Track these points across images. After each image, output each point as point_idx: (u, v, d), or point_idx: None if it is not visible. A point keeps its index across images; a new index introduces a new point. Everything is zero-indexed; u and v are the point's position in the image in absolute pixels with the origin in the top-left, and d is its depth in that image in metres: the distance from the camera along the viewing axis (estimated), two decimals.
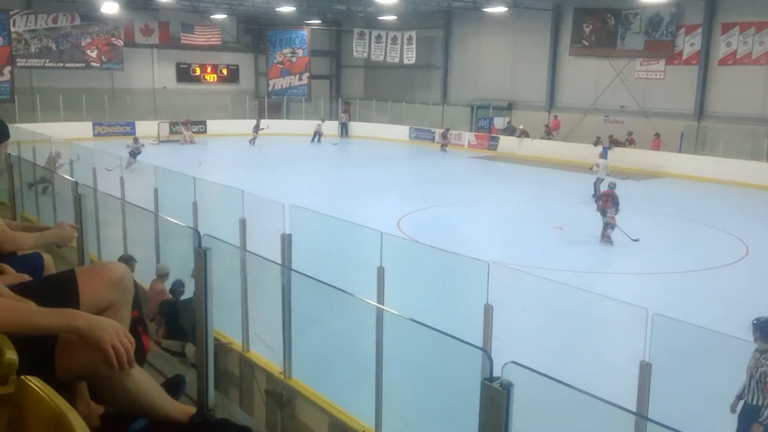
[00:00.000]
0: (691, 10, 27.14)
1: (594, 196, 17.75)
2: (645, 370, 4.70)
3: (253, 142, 31.46)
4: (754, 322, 6.15)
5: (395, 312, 4.92)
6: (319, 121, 35.67)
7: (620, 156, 27.27)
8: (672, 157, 26.14)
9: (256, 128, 31.99)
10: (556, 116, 31.58)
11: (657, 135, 27.29)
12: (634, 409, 4.56)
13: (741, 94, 25.98)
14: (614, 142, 28.01)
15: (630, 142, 28.05)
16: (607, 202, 14.56)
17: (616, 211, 14.34)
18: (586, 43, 30.86)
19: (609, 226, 14.41)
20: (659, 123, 27.81)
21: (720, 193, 21.93)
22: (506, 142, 31.91)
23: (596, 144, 28.27)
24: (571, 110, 31.48)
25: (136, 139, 25.37)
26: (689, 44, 27.62)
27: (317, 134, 34.76)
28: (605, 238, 14.46)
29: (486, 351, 3.32)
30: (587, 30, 30.69)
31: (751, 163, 24.00)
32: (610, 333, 8.40)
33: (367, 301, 5.12)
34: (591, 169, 20.33)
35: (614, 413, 3.70)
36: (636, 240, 14.22)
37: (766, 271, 13.00)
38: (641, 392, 4.68)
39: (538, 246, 14.38)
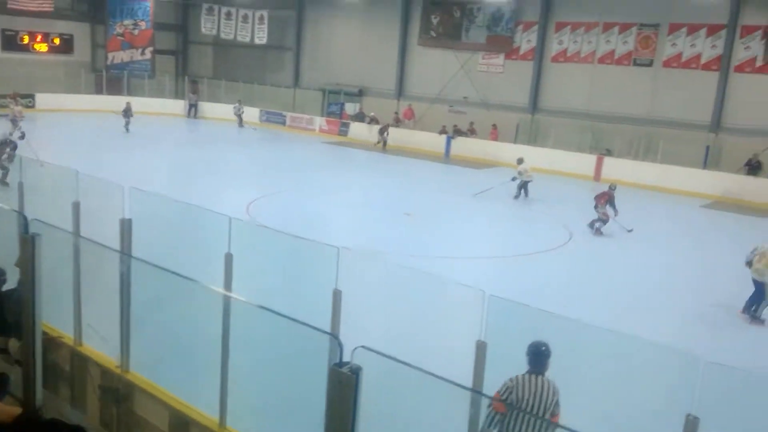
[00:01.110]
0: (528, 8, 28.89)
1: (516, 197, 19.53)
2: (481, 348, 4.94)
3: (127, 127, 28.34)
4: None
5: (242, 299, 4.80)
6: (236, 104, 34.11)
7: (462, 145, 28.66)
8: (508, 148, 27.78)
9: (128, 112, 28.50)
10: (410, 105, 32.36)
11: (494, 126, 28.91)
12: (470, 386, 4.80)
13: (570, 90, 28.13)
14: (457, 132, 29.32)
15: (471, 132, 29.46)
16: (601, 199, 15.95)
17: (614, 210, 15.73)
18: (434, 34, 31.84)
19: (600, 220, 15.81)
20: (498, 115, 29.43)
21: (549, 183, 23.60)
22: (357, 129, 32.27)
23: (441, 133, 29.45)
24: (419, 99, 32.41)
25: (14, 120, 21.75)
26: (526, 41, 29.42)
27: (240, 117, 33.60)
28: (596, 231, 15.84)
29: (336, 336, 3.34)
30: (435, 21, 31.66)
31: (577, 154, 26.11)
32: (452, 314, 8.78)
33: (214, 288, 4.96)
34: (516, 175, 19.82)
35: (454, 391, 3.89)
36: (630, 230, 15.77)
37: (586, 254, 14.25)
38: (477, 370, 4.91)
39: (388, 232, 14.73)
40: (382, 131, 29.73)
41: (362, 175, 22.91)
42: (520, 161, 19.94)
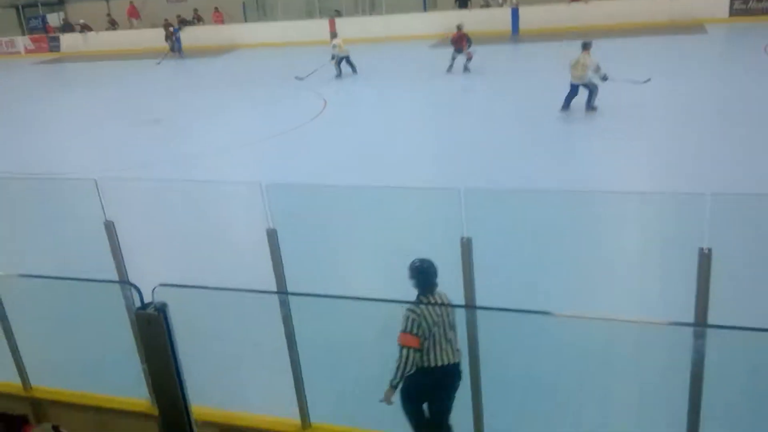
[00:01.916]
0: None
1: (338, 76, 18.21)
2: (272, 236, 4.95)
3: None
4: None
5: None
6: None
7: (192, 35, 26.97)
8: (240, 29, 26.78)
9: None
10: (131, 3, 29.20)
11: (216, 9, 27.47)
12: (271, 270, 4.86)
13: None
14: (183, 22, 27.42)
15: (198, 20, 27.76)
16: (461, 41, 17.29)
17: (470, 45, 17.28)
18: None
19: (468, 59, 17.30)
20: None
21: (287, 55, 23.38)
22: (69, 41, 28.75)
23: (166, 27, 27.34)
24: None
25: None
26: None
27: None
28: (465, 69, 17.37)
29: (131, 283, 3.13)
30: None
31: (309, 21, 25.98)
32: (234, 212, 8.65)
33: None
34: (332, 50, 18.24)
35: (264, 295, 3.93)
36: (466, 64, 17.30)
37: (344, 116, 14.66)
38: (274, 258, 4.96)
39: (139, 144, 13.72)
40: (167, 38, 25.44)
41: (91, 89, 20.70)
42: (333, 36, 18.59)
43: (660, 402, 4.57)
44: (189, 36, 27.04)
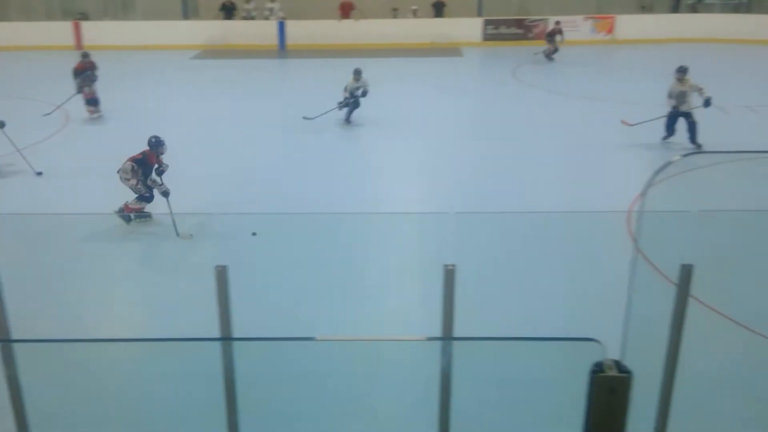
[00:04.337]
0: None
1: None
2: None
3: None
4: None
5: None
6: None
7: None
8: None
9: None
10: None
11: None
12: None
13: None
14: None
15: None
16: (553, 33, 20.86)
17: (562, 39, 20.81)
18: None
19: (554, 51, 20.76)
20: None
21: (23, 60, 21.44)
22: None
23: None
24: None
25: None
26: None
27: None
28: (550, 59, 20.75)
29: None
30: None
31: (47, 23, 24.02)
32: None
33: None
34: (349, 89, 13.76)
35: None
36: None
37: (91, 130, 13.78)
38: None
39: None
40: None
41: None
42: (357, 74, 13.73)
43: (420, 414, 4.95)
44: None
